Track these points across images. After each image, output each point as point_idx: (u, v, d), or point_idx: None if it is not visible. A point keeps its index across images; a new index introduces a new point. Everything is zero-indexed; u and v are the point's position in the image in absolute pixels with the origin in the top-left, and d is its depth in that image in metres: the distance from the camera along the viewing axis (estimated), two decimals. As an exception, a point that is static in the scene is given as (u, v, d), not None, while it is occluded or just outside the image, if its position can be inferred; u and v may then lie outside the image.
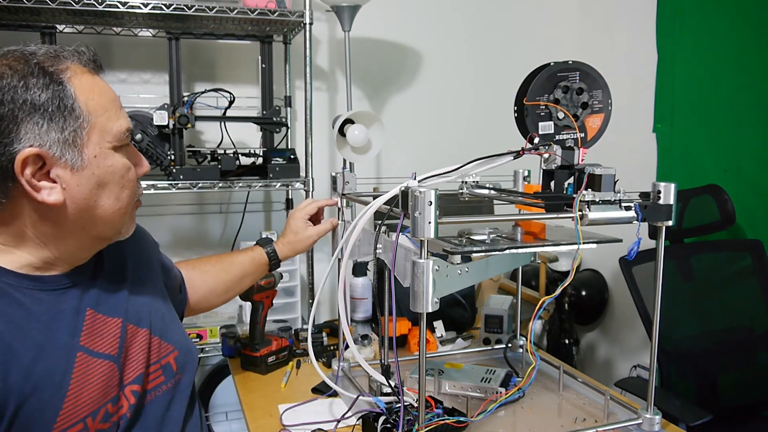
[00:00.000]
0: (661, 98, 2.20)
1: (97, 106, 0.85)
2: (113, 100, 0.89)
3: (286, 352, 1.61)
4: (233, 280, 1.34)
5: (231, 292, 1.36)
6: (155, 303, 1.03)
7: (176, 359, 1.01)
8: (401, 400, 1.08)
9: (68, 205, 0.84)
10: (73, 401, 0.82)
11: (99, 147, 0.85)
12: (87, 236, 0.89)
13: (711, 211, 1.86)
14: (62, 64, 0.84)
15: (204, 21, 1.87)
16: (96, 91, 0.86)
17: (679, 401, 1.50)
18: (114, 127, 0.87)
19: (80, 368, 0.85)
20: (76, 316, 0.88)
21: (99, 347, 0.88)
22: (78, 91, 0.83)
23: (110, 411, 0.87)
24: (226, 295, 1.35)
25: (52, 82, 0.81)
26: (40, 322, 0.83)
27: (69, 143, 0.82)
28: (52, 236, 0.86)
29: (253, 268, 1.36)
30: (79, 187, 0.84)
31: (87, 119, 0.83)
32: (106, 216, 0.88)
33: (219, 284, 1.32)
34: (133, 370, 0.93)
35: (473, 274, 1.13)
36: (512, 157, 1.09)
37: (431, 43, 2.45)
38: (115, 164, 0.87)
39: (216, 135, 2.07)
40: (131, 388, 0.91)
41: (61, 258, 0.89)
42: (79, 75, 0.84)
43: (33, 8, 1.64)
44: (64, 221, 0.85)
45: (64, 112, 0.81)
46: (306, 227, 1.39)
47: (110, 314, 0.92)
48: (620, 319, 2.44)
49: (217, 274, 1.32)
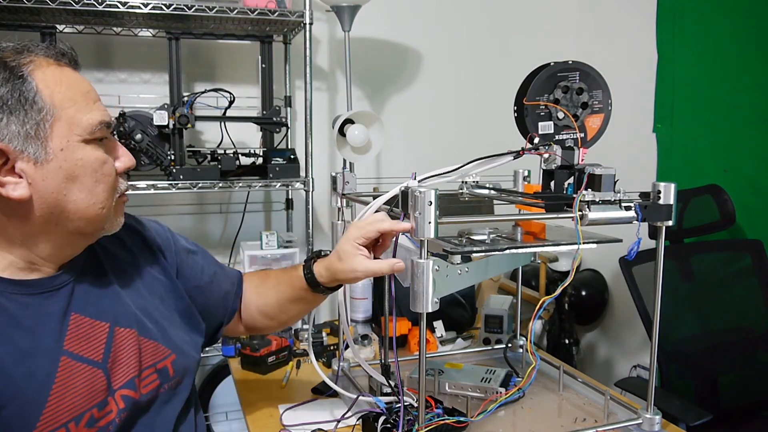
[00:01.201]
0: (661, 98, 2.20)
1: (63, 99, 0.82)
2: (85, 93, 0.86)
3: (286, 352, 1.61)
4: (278, 302, 1.17)
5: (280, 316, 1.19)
6: (154, 305, 1.01)
7: (173, 363, 0.98)
8: (401, 400, 1.08)
9: (35, 200, 0.82)
10: (54, 405, 0.81)
11: (66, 140, 0.83)
12: (63, 232, 0.87)
13: (711, 211, 1.86)
14: (26, 58, 0.82)
15: (204, 21, 1.87)
16: (64, 83, 0.83)
17: (679, 401, 1.50)
18: (84, 119, 0.84)
19: (63, 372, 0.84)
20: (61, 320, 0.86)
21: (84, 352, 0.87)
22: (41, 84, 0.81)
23: (96, 416, 0.85)
24: (274, 320, 1.20)
25: (12, 75, 0.80)
26: (24, 327, 0.82)
27: (31, 136, 0.80)
28: (26, 234, 0.84)
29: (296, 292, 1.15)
30: (45, 181, 0.82)
31: (51, 112, 0.81)
32: (79, 211, 0.86)
33: (266, 304, 1.18)
34: (123, 374, 0.90)
35: (473, 274, 1.13)
36: (512, 157, 1.08)
37: (431, 43, 2.45)
38: (85, 157, 0.85)
39: (216, 135, 2.07)
40: (121, 392, 0.89)
41: (43, 257, 0.87)
42: (43, 68, 0.83)
43: (33, 8, 1.64)
44: (33, 217, 0.83)
45: (24, 105, 0.80)
46: (355, 254, 1.04)
47: (98, 317, 0.90)
48: (620, 319, 2.44)
49: (265, 292, 1.18)
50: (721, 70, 1.98)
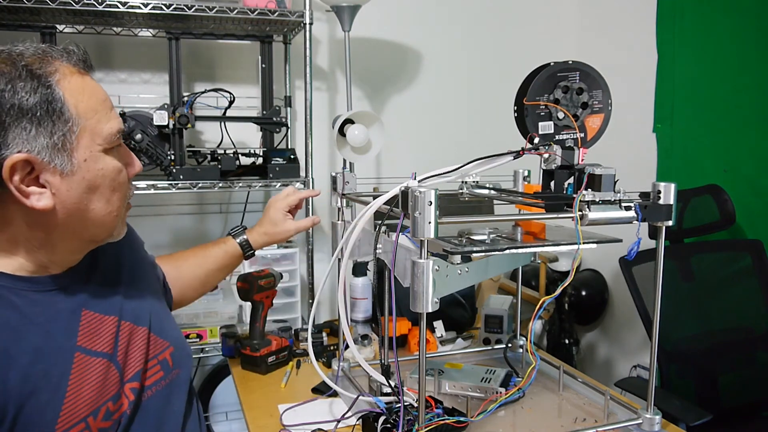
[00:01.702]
0: (661, 98, 2.20)
1: (87, 109, 0.82)
2: (103, 101, 0.86)
3: (286, 352, 1.61)
4: (207, 273, 1.33)
5: (207, 285, 1.35)
6: (151, 300, 1.03)
7: (172, 355, 1.01)
8: (401, 400, 1.08)
9: (58, 210, 0.82)
10: (72, 401, 0.82)
11: (89, 150, 0.83)
12: (79, 239, 0.88)
13: (711, 211, 1.86)
14: (50, 66, 0.81)
15: (204, 21, 1.87)
16: (86, 93, 0.83)
17: (679, 401, 1.50)
18: (104, 129, 0.84)
19: (78, 368, 0.85)
20: (72, 317, 0.88)
21: (95, 346, 0.88)
22: (67, 94, 0.80)
23: (111, 409, 0.87)
24: (202, 289, 1.35)
25: (41, 85, 0.78)
26: (37, 324, 0.83)
27: (58, 148, 0.80)
28: (44, 241, 0.85)
29: (227, 260, 1.35)
30: (69, 191, 0.82)
31: (77, 123, 0.81)
32: (97, 219, 0.87)
33: (194, 279, 1.31)
34: (131, 367, 0.93)
35: (473, 274, 1.13)
36: (512, 157, 1.09)
37: (431, 43, 2.45)
38: (105, 167, 0.85)
39: (216, 135, 2.06)
40: (130, 385, 0.91)
41: (54, 261, 0.88)
42: (68, 77, 0.82)
43: (33, 8, 1.64)
44: (54, 226, 0.84)
45: (52, 116, 0.79)
46: (285, 219, 1.39)
47: (105, 312, 0.92)
48: (620, 319, 2.44)
49: (191, 269, 1.31)
50: (721, 70, 1.98)
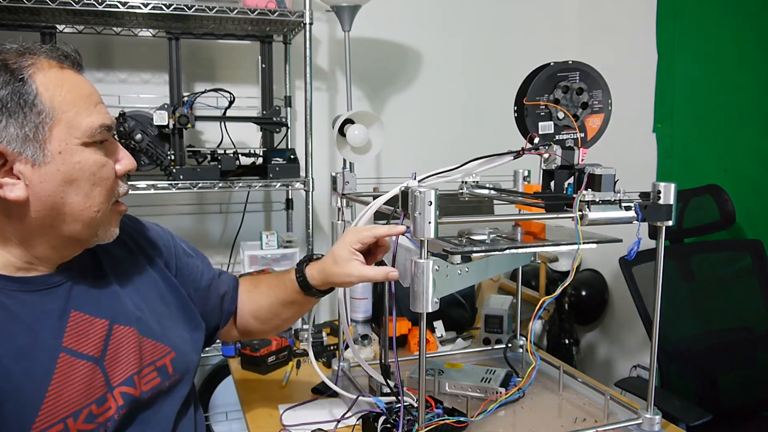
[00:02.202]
0: (661, 98, 2.20)
1: (63, 102, 0.82)
2: (87, 96, 0.86)
3: (286, 352, 1.61)
4: (270, 306, 1.18)
5: (273, 320, 1.20)
6: (154, 304, 1.01)
7: (173, 361, 0.99)
8: (401, 400, 1.08)
9: (32, 202, 0.82)
10: (53, 401, 0.82)
11: (65, 143, 0.83)
12: (57, 235, 0.87)
13: (711, 211, 1.86)
14: (27, 60, 0.82)
15: (204, 21, 1.87)
16: (65, 86, 0.83)
17: (679, 401, 1.50)
18: (84, 122, 0.84)
19: (62, 369, 0.84)
20: (60, 317, 0.87)
21: (82, 348, 0.87)
22: (41, 87, 0.81)
23: (95, 412, 0.86)
24: (267, 324, 1.21)
25: (13, 78, 0.80)
26: (23, 324, 0.83)
27: (29, 139, 0.80)
28: (23, 234, 0.85)
29: (289, 294, 1.15)
30: (43, 183, 0.82)
31: (50, 115, 0.81)
32: (75, 214, 0.86)
33: (258, 308, 1.19)
34: (123, 371, 0.91)
35: (473, 274, 1.13)
36: (512, 157, 1.08)
37: (431, 43, 2.45)
38: (84, 160, 0.84)
39: (216, 135, 2.07)
40: (121, 390, 0.90)
41: (40, 257, 0.87)
42: (45, 70, 0.83)
43: (33, 8, 1.64)
44: (29, 218, 0.83)
45: (24, 108, 0.80)
46: (350, 258, 1.05)
47: (97, 315, 0.91)
48: (620, 319, 2.44)
49: (257, 296, 1.19)
50: (721, 70, 1.98)
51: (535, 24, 2.58)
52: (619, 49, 2.38)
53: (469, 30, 2.50)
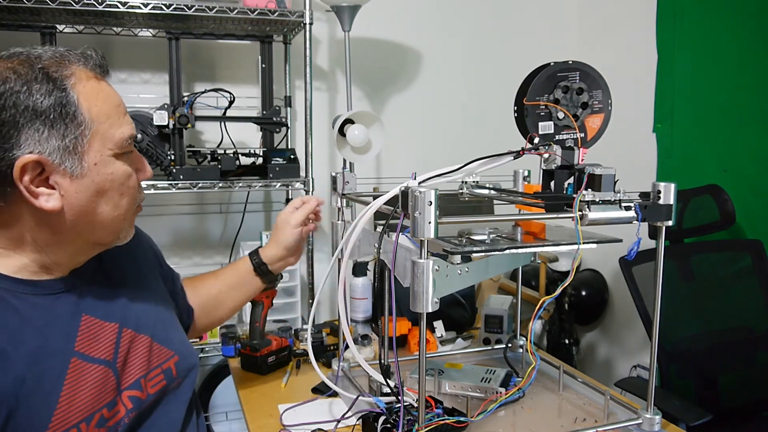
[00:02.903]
0: (661, 98, 2.20)
1: (100, 113, 0.84)
2: (117, 106, 0.87)
3: (286, 352, 1.61)
4: (218, 294, 1.30)
5: (222, 307, 1.31)
6: (157, 308, 1.03)
7: (176, 364, 1.00)
8: (401, 400, 1.08)
9: (66, 212, 0.83)
10: (65, 406, 0.82)
11: (100, 154, 0.84)
12: (85, 242, 0.89)
13: (711, 211, 1.86)
14: (67, 70, 0.82)
15: (204, 21, 1.87)
16: (100, 97, 0.84)
17: (679, 401, 1.50)
18: (116, 134, 0.86)
19: (73, 374, 0.84)
20: (71, 321, 0.87)
21: (94, 352, 0.88)
22: (82, 98, 0.82)
23: (106, 416, 0.86)
24: (217, 312, 1.31)
25: (56, 88, 0.80)
26: (35, 327, 0.83)
27: (69, 151, 0.81)
28: (50, 241, 0.86)
29: (238, 277, 1.31)
30: (78, 194, 0.83)
31: (89, 127, 0.82)
32: (104, 222, 0.87)
33: (208, 299, 1.28)
34: (131, 375, 0.92)
35: (473, 274, 1.13)
36: (512, 157, 1.08)
37: (431, 43, 2.45)
38: (115, 172, 0.86)
39: (216, 135, 2.07)
40: (129, 393, 0.90)
41: (58, 262, 0.88)
42: (84, 81, 0.83)
43: (33, 8, 1.64)
44: (62, 227, 0.84)
45: (65, 119, 0.80)
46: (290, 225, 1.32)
47: (107, 319, 0.92)
48: (620, 319, 2.44)
49: (206, 288, 1.28)
50: (721, 70, 1.98)
51: (535, 24, 2.58)
52: (619, 49, 2.38)
53: (469, 30, 2.50)
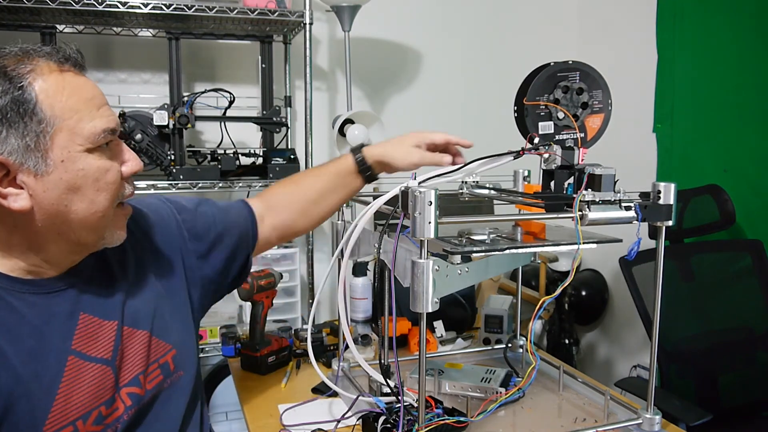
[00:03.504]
0: (661, 98, 2.20)
1: (64, 109, 0.80)
2: (88, 100, 0.83)
3: (286, 352, 1.61)
4: (317, 198, 1.20)
5: (320, 209, 1.21)
6: (158, 302, 1.01)
7: (174, 358, 0.99)
8: (401, 400, 1.08)
9: (36, 211, 0.81)
10: (62, 404, 0.82)
11: (67, 150, 0.80)
12: (66, 242, 0.86)
13: (711, 211, 1.86)
14: (26, 67, 0.79)
15: (204, 21, 1.87)
16: (66, 92, 0.80)
17: (679, 401, 1.50)
18: (86, 128, 0.81)
19: (71, 372, 0.84)
20: (69, 320, 0.87)
21: (92, 351, 0.87)
22: (41, 94, 0.78)
23: (103, 413, 0.86)
24: (305, 219, 1.21)
25: (12, 86, 0.77)
26: (32, 326, 0.82)
27: (31, 149, 0.78)
28: (32, 242, 0.84)
29: (339, 178, 1.19)
30: (46, 192, 0.80)
31: (51, 123, 0.79)
32: (81, 221, 0.84)
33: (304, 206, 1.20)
34: (129, 372, 0.91)
35: (473, 274, 1.13)
36: (512, 157, 1.09)
37: (431, 43, 2.45)
38: (87, 167, 0.82)
39: (216, 135, 2.07)
40: (127, 390, 0.90)
41: (50, 261, 0.87)
42: (45, 76, 0.79)
43: (33, 8, 1.65)
44: (35, 227, 0.82)
45: (24, 117, 0.77)
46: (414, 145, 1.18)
47: (106, 317, 0.91)
48: (620, 319, 2.44)
49: (301, 194, 1.20)
50: (721, 70, 1.98)
51: (535, 24, 2.58)
52: (619, 49, 2.38)
53: (469, 30, 2.50)
